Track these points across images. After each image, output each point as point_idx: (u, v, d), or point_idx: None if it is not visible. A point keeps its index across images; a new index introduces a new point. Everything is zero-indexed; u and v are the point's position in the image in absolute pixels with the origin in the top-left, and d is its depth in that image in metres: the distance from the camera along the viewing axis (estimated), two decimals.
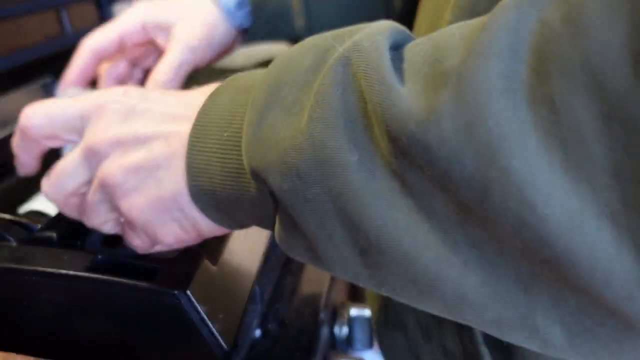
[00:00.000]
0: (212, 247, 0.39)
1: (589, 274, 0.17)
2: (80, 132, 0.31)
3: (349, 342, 0.53)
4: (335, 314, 0.54)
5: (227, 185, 0.26)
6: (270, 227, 0.27)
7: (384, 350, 0.44)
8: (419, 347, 0.38)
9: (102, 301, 0.34)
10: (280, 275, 0.51)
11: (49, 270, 0.34)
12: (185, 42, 0.48)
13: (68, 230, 0.38)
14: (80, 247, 0.38)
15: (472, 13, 0.28)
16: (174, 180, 0.28)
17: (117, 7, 0.68)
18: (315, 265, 0.26)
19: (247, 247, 0.44)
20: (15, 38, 0.49)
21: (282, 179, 0.23)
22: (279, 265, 0.52)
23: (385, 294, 0.24)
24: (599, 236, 0.16)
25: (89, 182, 0.31)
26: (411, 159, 0.20)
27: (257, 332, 0.43)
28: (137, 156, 0.28)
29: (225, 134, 0.26)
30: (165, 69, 0.47)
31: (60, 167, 0.32)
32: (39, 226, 0.38)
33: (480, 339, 0.32)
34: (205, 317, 0.33)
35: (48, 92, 0.58)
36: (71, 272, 0.34)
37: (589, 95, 0.16)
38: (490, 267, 0.20)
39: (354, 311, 0.54)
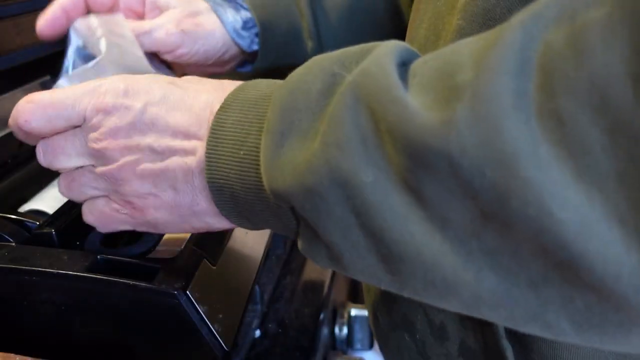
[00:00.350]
0: (212, 247, 0.39)
1: (601, 271, 0.18)
2: (82, 126, 0.32)
3: (349, 342, 0.53)
4: (335, 314, 0.54)
5: (249, 200, 0.28)
6: (293, 236, 0.28)
7: (387, 354, 0.44)
8: (430, 347, 0.38)
9: (102, 301, 0.34)
10: (280, 275, 0.51)
11: (49, 270, 0.34)
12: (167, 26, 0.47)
13: (67, 228, 0.38)
14: (80, 247, 0.38)
15: (485, 19, 0.29)
16: (194, 194, 0.30)
17: None
18: (338, 271, 0.27)
19: (247, 247, 0.44)
20: (15, 38, 0.49)
21: (303, 200, 0.24)
22: (279, 265, 0.52)
23: (406, 296, 0.26)
24: (610, 237, 0.18)
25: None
26: (430, 171, 0.21)
27: (257, 332, 0.43)
28: (152, 167, 0.30)
29: (242, 152, 0.27)
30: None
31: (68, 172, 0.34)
32: (38, 223, 0.38)
33: (502, 333, 0.32)
34: (205, 317, 0.33)
35: None
36: (71, 272, 0.34)
37: (594, 112, 0.18)
38: (503, 272, 0.21)
39: (354, 311, 0.54)
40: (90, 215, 0.34)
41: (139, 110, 0.30)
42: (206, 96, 0.31)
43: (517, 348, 0.32)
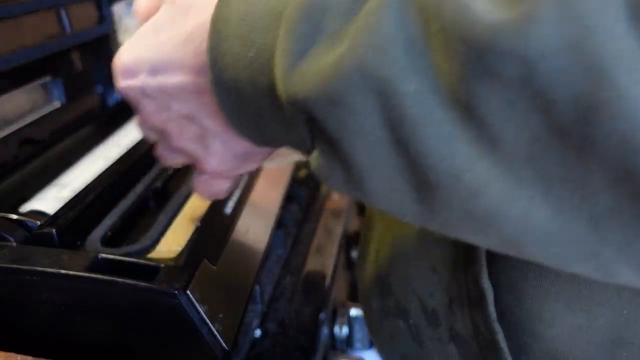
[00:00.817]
0: (212, 247, 0.39)
1: None
2: None
3: (349, 342, 0.53)
4: (335, 314, 0.54)
5: (263, 109, 0.25)
6: (304, 151, 0.26)
7: (380, 341, 0.44)
8: (423, 332, 0.38)
9: (102, 301, 0.34)
10: (280, 275, 0.51)
11: (49, 270, 0.34)
12: None
13: (67, 228, 0.38)
14: (80, 247, 0.38)
15: None
16: (210, 111, 0.29)
17: (117, 7, 0.68)
18: (352, 195, 0.24)
19: (247, 247, 0.44)
20: (15, 38, 0.49)
21: (328, 111, 0.21)
22: (279, 265, 0.52)
23: (433, 229, 0.23)
24: None
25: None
26: (491, 80, 0.18)
27: (257, 332, 0.43)
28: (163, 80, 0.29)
29: (250, 54, 0.24)
30: None
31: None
32: (38, 223, 0.38)
33: (493, 316, 0.31)
34: (205, 317, 0.33)
35: (48, 91, 0.58)
36: (71, 272, 0.34)
37: None
38: (560, 203, 0.18)
39: (354, 311, 0.54)
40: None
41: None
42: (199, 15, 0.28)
43: (508, 331, 0.32)
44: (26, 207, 0.46)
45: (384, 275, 0.42)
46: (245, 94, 0.25)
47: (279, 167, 0.58)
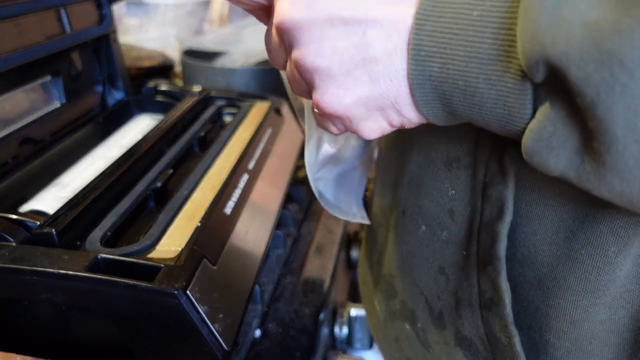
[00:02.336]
0: (212, 247, 0.39)
1: None
2: None
3: (349, 342, 0.53)
4: (335, 314, 0.54)
5: (469, 73, 0.23)
6: (502, 126, 0.24)
7: (385, 345, 0.43)
8: (430, 336, 0.37)
9: (102, 301, 0.34)
10: (280, 275, 0.51)
11: (49, 270, 0.34)
12: None
13: (67, 228, 0.38)
14: (80, 247, 0.38)
15: None
16: (392, 77, 0.25)
17: (117, 7, 0.68)
18: (570, 170, 0.22)
19: (247, 247, 0.44)
20: (15, 38, 0.49)
21: (595, 69, 0.19)
22: (279, 265, 0.52)
23: None
24: None
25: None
26: None
27: (257, 332, 0.43)
28: (343, 43, 0.25)
29: (475, 13, 0.22)
30: None
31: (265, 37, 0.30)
32: (38, 223, 0.38)
33: (511, 317, 0.30)
34: (205, 317, 0.33)
35: (48, 91, 0.58)
36: (71, 272, 0.34)
37: None
38: None
39: (354, 311, 0.54)
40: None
41: None
42: None
43: (527, 332, 0.30)
44: (26, 207, 0.46)
45: (389, 276, 0.41)
46: (455, 56, 0.23)
47: (277, 168, 0.58)
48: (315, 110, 0.28)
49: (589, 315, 0.29)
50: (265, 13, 0.31)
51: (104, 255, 0.36)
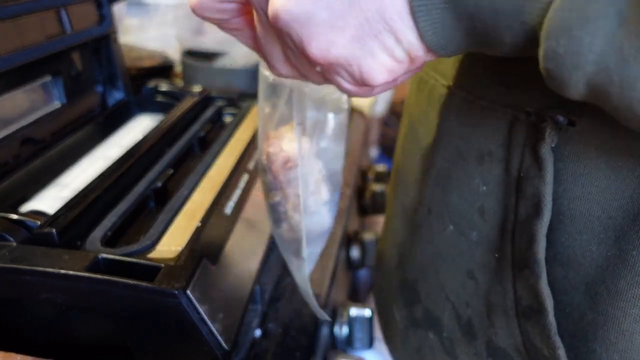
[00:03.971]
0: (212, 247, 0.39)
1: None
2: None
3: (349, 341, 0.53)
4: (335, 314, 0.54)
5: None
6: (517, 9, 0.19)
7: (404, 355, 0.40)
8: (457, 346, 0.34)
9: (102, 301, 0.34)
10: (280, 275, 0.51)
11: (50, 270, 0.34)
12: None
13: (68, 228, 0.38)
14: (80, 246, 0.38)
15: None
16: None
17: (117, 7, 0.68)
18: (625, 48, 0.17)
19: (247, 247, 0.44)
20: (15, 38, 0.49)
21: None
22: (279, 265, 0.52)
23: None
24: None
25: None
26: None
27: (257, 332, 0.43)
28: None
29: None
30: None
31: None
32: (39, 223, 0.38)
33: (554, 326, 0.27)
34: (205, 317, 0.33)
35: (48, 91, 0.58)
36: (71, 272, 0.34)
37: None
38: None
39: (354, 311, 0.54)
40: None
41: None
42: None
43: (571, 341, 0.27)
44: (26, 207, 0.46)
45: (412, 281, 0.38)
46: None
47: None
48: (317, 69, 0.26)
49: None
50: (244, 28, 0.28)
51: (104, 255, 0.36)
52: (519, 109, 0.28)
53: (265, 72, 0.33)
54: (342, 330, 0.53)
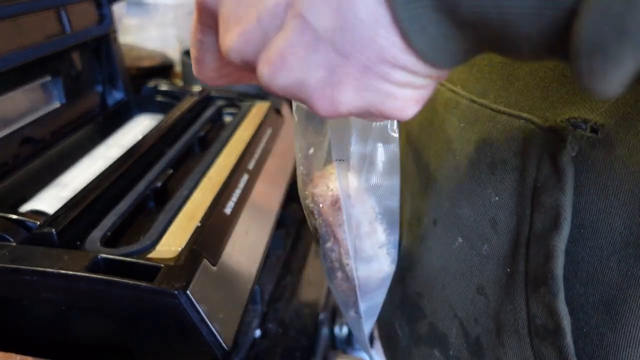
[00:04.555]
0: (212, 247, 0.39)
1: None
2: None
3: (349, 342, 0.53)
4: (335, 314, 0.54)
5: None
6: (539, 11, 0.16)
7: None
8: None
9: (102, 301, 0.34)
10: (280, 275, 0.51)
11: (49, 270, 0.34)
12: None
13: (67, 228, 0.38)
14: (80, 246, 0.38)
15: None
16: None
17: (117, 7, 0.68)
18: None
19: (247, 247, 0.44)
20: (15, 38, 0.49)
21: None
22: (279, 265, 0.52)
23: None
24: None
25: None
26: None
27: (257, 332, 0.43)
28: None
29: None
30: None
31: None
32: (38, 223, 0.38)
33: (571, 347, 0.26)
34: (205, 317, 0.33)
35: (48, 91, 0.58)
36: (71, 272, 0.34)
37: None
38: None
39: None
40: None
41: None
42: None
43: None
44: (26, 207, 0.46)
45: (415, 295, 0.36)
46: None
47: (277, 168, 0.58)
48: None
49: None
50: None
51: (103, 255, 0.36)
52: (536, 115, 0.26)
53: (301, 106, 0.30)
54: (342, 331, 0.53)
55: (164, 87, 0.70)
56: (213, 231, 0.40)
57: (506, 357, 0.29)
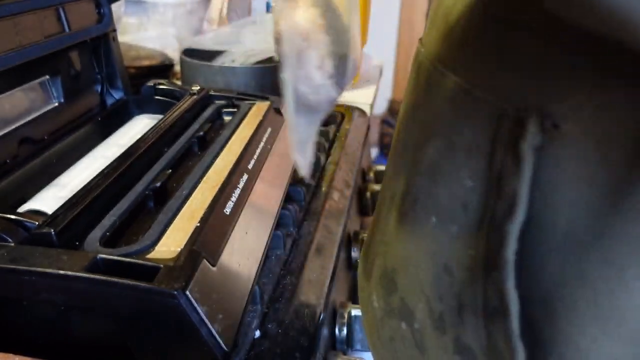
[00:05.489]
0: (212, 247, 0.39)
1: None
2: None
3: (349, 342, 0.53)
4: (335, 314, 0.54)
5: None
6: None
7: (378, 345, 0.40)
8: (427, 339, 0.34)
9: (101, 301, 0.34)
10: (280, 275, 0.50)
11: (48, 270, 0.34)
12: None
13: (66, 228, 0.38)
14: (79, 247, 0.38)
15: None
16: None
17: (116, 6, 0.68)
18: None
19: (247, 247, 0.43)
20: (14, 37, 0.49)
21: None
22: (279, 265, 0.51)
23: None
24: None
25: None
26: None
27: (257, 332, 0.43)
28: None
29: None
30: None
31: None
32: (37, 223, 0.38)
33: (517, 331, 0.27)
34: (205, 317, 0.33)
35: (46, 90, 0.58)
36: (70, 272, 0.34)
37: None
38: None
39: (354, 311, 0.53)
40: None
41: None
42: None
43: (532, 349, 0.27)
44: (25, 207, 0.46)
45: (392, 270, 0.38)
46: None
47: (277, 168, 0.57)
48: None
49: (597, 346, 0.25)
50: None
51: (103, 256, 0.35)
52: (509, 103, 0.27)
53: None
54: (342, 331, 0.52)
55: (163, 86, 0.70)
56: (212, 231, 0.40)
57: (465, 334, 0.31)
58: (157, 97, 0.69)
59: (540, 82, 0.22)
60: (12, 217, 0.39)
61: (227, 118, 0.67)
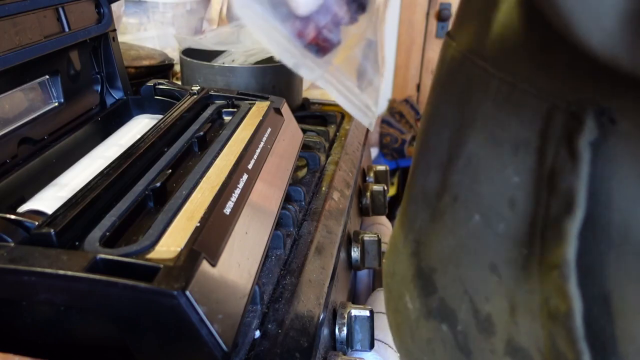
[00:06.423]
0: (212, 247, 0.39)
1: None
2: None
3: (349, 342, 0.53)
4: (335, 315, 0.53)
5: None
6: None
7: (414, 347, 0.38)
8: (472, 341, 0.32)
9: (101, 301, 0.34)
10: (280, 275, 0.50)
11: (48, 270, 0.34)
12: None
13: (66, 228, 0.38)
14: (79, 247, 0.38)
15: None
16: None
17: (115, 6, 0.68)
18: None
19: (247, 247, 0.43)
20: (14, 37, 0.49)
21: None
22: (279, 265, 0.51)
23: None
24: None
25: None
26: None
27: (257, 333, 0.43)
28: None
29: None
30: None
31: None
32: (37, 223, 0.38)
33: (581, 332, 0.26)
34: (205, 317, 0.33)
35: (46, 90, 0.58)
36: (70, 273, 0.34)
37: None
38: None
39: (354, 311, 0.53)
40: None
41: None
42: None
43: (594, 351, 0.26)
44: (25, 207, 0.46)
45: (429, 270, 0.37)
46: None
47: (277, 168, 0.57)
48: None
49: None
50: None
51: (102, 256, 0.35)
52: (561, 97, 0.26)
53: None
54: (342, 331, 0.52)
55: (162, 86, 0.70)
56: (212, 231, 0.40)
57: (519, 335, 0.29)
58: (157, 97, 0.69)
59: (596, 75, 0.22)
60: (12, 217, 0.39)
61: (227, 118, 0.67)
